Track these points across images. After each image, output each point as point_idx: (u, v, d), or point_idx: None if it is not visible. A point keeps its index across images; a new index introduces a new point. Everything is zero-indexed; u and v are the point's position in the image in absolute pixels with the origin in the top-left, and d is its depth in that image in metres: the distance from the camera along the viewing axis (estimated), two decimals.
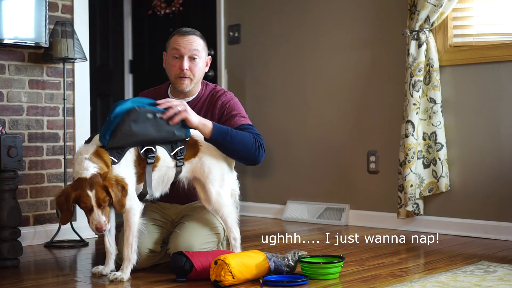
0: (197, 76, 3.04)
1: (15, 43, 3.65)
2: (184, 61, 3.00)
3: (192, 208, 3.11)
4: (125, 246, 2.74)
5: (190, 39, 3.02)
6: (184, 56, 3.00)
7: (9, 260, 3.10)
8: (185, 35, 3.03)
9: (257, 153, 2.93)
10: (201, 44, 3.06)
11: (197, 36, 3.06)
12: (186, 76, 3.01)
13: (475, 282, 2.66)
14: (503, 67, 3.79)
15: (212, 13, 5.27)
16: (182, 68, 3.00)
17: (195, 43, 3.02)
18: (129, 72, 6.05)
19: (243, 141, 2.88)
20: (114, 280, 2.70)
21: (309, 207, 4.62)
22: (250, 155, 2.91)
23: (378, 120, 4.32)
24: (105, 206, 2.62)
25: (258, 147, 2.92)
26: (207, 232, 2.98)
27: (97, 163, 2.64)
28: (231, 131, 2.87)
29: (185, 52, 3.00)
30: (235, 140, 2.85)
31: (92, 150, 2.68)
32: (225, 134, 2.84)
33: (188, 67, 3.00)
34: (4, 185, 3.11)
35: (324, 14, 4.59)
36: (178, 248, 2.86)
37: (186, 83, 3.03)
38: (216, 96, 3.10)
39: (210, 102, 3.09)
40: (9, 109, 3.74)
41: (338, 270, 2.80)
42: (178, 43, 3.02)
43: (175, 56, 3.02)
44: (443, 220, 3.98)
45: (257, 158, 2.95)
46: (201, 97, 3.12)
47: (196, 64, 3.02)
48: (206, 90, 3.15)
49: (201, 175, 2.87)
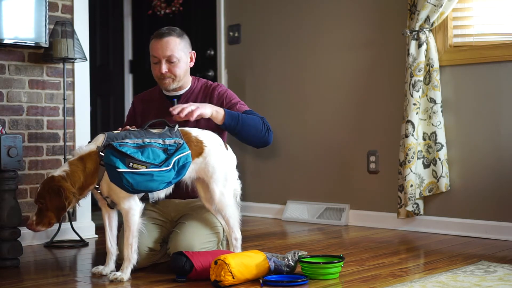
0: (178, 75, 3.08)
1: (15, 43, 3.65)
2: (162, 65, 3.05)
3: (192, 207, 3.12)
4: (125, 246, 2.75)
5: (164, 42, 3.05)
6: (161, 60, 3.05)
7: (9, 260, 3.10)
8: (161, 38, 3.06)
9: (267, 134, 3.04)
10: (178, 45, 3.07)
11: (173, 36, 3.07)
12: (166, 77, 3.08)
13: (475, 282, 2.66)
14: (503, 67, 3.79)
15: (212, 13, 5.27)
16: (161, 71, 3.05)
17: (170, 46, 3.05)
18: (129, 72, 6.05)
19: (253, 123, 2.99)
20: (114, 280, 2.70)
21: (309, 207, 4.62)
22: (260, 136, 3.02)
23: (378, 120, 4.32)
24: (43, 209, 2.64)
25: (267, 128, 3.04)
26: (207, 232, 2.98)
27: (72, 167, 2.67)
28: (241, 115, 2.97)
29: (161, 57, 3.05)
30: (246, 123, 2.96)
31: (81, 153, 2.71)
32: (236, 119, 2.95)
33: (166, 70, 3.06)
34: (4, 185, 3.11)
35: (324, 14, 4.59)
36: (178, 247, 2.87)
37: (168, 82, 3.09)
38: (211, 87, 3.17)
39: (206, 93, 3.16)
40: (9, 109, 3.74)
41: (338, 270, 2.80)
42: (155, 49, 3.07)
43: (154, 62, 3.09)
44: (443, 220, 3.98)
45: (267, 139, 3.06)
46: (194, 89, 3.18)
47: (175, 65, 3.06)
48: (198, 83, 3.21)
49: (205, 175, 2.87)
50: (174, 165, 2.71)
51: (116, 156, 2.65)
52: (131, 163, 2.64)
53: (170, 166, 2.70)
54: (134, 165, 2.65)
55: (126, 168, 2.64)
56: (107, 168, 2.67)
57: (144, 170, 2.65)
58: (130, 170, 2.64)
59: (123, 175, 2.63)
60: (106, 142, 2.69)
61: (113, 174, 2.65)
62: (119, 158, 2.64)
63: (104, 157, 2.67)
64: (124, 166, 2.64)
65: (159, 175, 2.68)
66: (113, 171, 2.65)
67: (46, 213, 2.64)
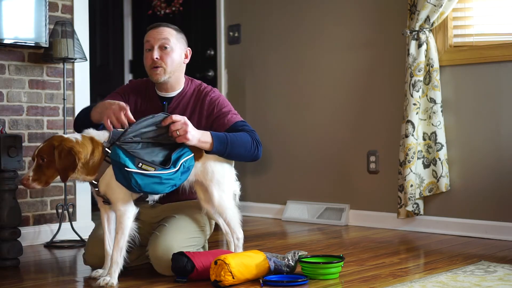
0: (169, 65, 2.97)
1: (15, 43, 3.65)
2: (154, 51, 2.97)
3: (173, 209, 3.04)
4: (114, 249, 2.69)
5: (160, 30, 2.99)
6: (154, 46, 2.97)
7: (9, 260, 3.10)
8: (156, 27, 3.01)
9: (256, 151, 2.93)
10: (173, 34, 3.01)
11: (169, 27, 3.02)
12: (157, 66, 2.96)
13: (475, 282, 2.66)
14: (503, 67, 3.79)
15: (212, 13, 5.27)
16: (153, 58, 2.96)
17: (165, 33, 2.99)
18: (129, 72, 6.05)
19: (241, 143, 2.87)
20: (105, 286, 2.63)
21: (309, 207, 4.62)
22: (249, 156, 2.92)
23: (378, 120, 4.32)
24: (43, 166, 2.55)
25: (256, 144, 2.93)
26: (188, 236, 2.92)
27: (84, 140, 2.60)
28: (229, 138, 2.84)
29: (154, 42, 2.97)
30: (235, 144, 2.84)
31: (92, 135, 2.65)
32: (225, 143, 2.82)
33: (158, 56, 2.96)
34: (4, 185, 3.11)
35: (324, 14, 4.59)
36: (156, 250, 2.80)
37: (159, 72, 2.97)
38: (203, 92, 3.05)
39: (197, 98, 3.04)
40: (9, 109, 3.74)
41: (338, 270, 2.80)
42: (149, 35, 3.00)
43: (148, 49, 3.00)
44: (443, 220, 3.98)
45: (256, 156, 2.95)
46: (186, 92, 3.07)
47: (167, 53, 2.96)
48: (191, 85, 3.10)
49: (204, 178, 2.86)
50: (181, 167, 2.69)
51: (126, 154, 2.60)
52: (140, 163, 2.60)
53: (178, 168, 2.68)
54: (143, 166, 2.61)
55: (136, 168, 2.59)
56: (114, 165, 2.60)
57: (153, 172, 2.62)
58: (139, 171, 2.60)
59: (133, 175, 2.58)
60: (112, 139, 2.65)
61: (121, 172, 2.59)
62: (128, 158, 2.60)
63: (111, 154, 2.62)
64: (133, 166, 2.59)
65: (167, 177, 2.65)
66: (121, 170, 2.59)
67: (45, 170, 2.57)
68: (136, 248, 2.87)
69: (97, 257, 2.87)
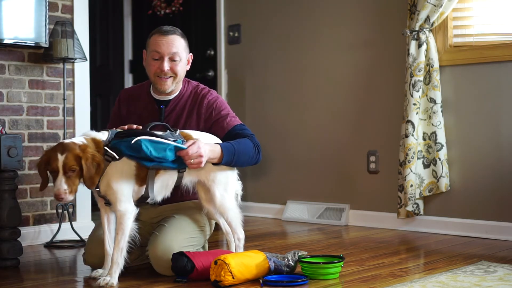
0: (179, 76, 2.99)
1: (15, 43, 3.65)
2: (164, 62, 2.94)
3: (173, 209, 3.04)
4: (115, 249, 2.69)
5: (170, 39, 2.95)
6: (164, 57, 2.95)
7: (9, 260, 3.10)
8: (165, 35, 2.96)
9: (258, 156, 2.97)
10: (182, 44, 2.99)
11: (178, 35, 2.99)
12: (167, 76, 2.96)
13: (475, 282, 2.66)
14: (503, 67, 3.79)
15: (212, 13, 5.27)
16: (162, 69, 2.94)
17: (176, 44, 2.96)
18: (129, 72, 6.05)
19: (246, 150, 2.90)
20: (105, 286, 2.64)
21: (309, 207, 4.62)
22: (252, 160, 2.95)
23: (378, 120, 4.32)
24: (71, 176, 2.56)
25: (258, 150, 2.96)
26: (187, 236, 2.92)
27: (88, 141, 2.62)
28: (236, 149, 2.85)
29: (165, 54, 2.94)
30: (241, 154, 2.87)
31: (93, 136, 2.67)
32: (232, 154, 2.83)
33: (168, 68, 2.95)
34: (4, 185, 3.11)
35: (324, 14, 4.59)
36: (156, 250, 2.81)
37: (169, 83, 2.98)
38: (201, 94, 3.05)
39: (195, 100, 3.04)
40: (9, 109, 3.74)
41: (338, 270, 2.80)
42: (158, 44, 2.95)
43: (155, 58, 2.96)
44: (443, 220, 3.98)
45: (257, 161, 2.99)
46: (184, 95, 3.06)
47: (177, 64, 2.97)
48: (188, 87, 3.09)
49: (205, 179, 2.86)
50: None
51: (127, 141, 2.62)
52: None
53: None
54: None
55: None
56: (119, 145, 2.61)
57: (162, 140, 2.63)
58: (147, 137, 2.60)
59: (142, 141, 2.58)
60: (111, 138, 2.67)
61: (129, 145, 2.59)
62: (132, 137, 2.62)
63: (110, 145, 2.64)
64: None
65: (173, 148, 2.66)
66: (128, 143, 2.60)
67: (74, 180, 2.57)
68: (136, 248, 2.87)
69: (97, 257, 2.87)
